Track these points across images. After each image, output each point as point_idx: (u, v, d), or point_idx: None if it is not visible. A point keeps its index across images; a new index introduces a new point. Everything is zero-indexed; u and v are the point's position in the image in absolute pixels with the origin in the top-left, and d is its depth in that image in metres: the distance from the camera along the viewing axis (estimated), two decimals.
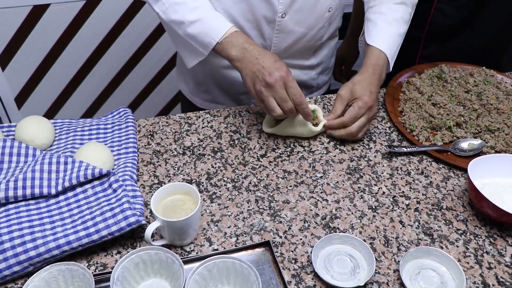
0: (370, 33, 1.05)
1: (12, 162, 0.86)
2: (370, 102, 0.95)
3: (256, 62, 0.91)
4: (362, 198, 0.89)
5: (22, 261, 0.71)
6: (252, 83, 0.92)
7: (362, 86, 0.97)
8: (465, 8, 1.20)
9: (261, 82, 0.89)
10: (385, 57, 1.02)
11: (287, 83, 0.89)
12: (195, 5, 0.96)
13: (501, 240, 0.82)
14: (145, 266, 0.71)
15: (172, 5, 0.96)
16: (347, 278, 0.74)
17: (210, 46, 0.96)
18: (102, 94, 2.14)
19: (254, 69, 0.91)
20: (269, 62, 0.90)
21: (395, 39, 1.05)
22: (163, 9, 0.98)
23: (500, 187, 0.88)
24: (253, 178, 0.92)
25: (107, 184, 0.82)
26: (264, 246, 0.79)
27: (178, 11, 0.96)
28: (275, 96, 0.89)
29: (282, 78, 0.88)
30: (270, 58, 0.91)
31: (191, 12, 0.95)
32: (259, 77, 0.90)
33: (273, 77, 0.88)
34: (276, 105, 0.90)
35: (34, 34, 1.85)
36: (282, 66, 0.89)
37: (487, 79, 1.15)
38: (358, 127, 0.97)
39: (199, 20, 0.95)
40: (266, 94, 0.89)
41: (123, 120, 1.02)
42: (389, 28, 1.04)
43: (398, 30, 1.06)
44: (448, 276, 0.74)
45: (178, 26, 0.98)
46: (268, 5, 0.98)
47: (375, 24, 1.05)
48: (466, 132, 1.01)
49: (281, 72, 0.88)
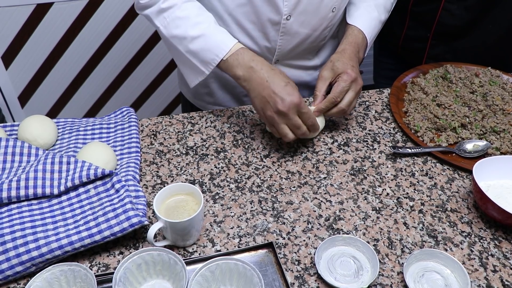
0: (352, 14, 1.06)
1: (14, 161, 0.86)
2: (353, 74, 0.94)
3: (266, 85, 0.87)
4: (366, 200, 0.88)
5: (25, 261, 0.71)
6: (262, 108, 0.89)
7: (342, 62, 0.96)
8: (473, 8, 1.19)
9: (273, 109, 0.87)
10: (363, 37, 1.03)
11: (301, 109, 0.87)
12: (198, 20, 0.93)
13: (506, 243, 0.81)
14: (147, 267, 0.71)
15: (174, 19, 0.93)
16: (350, 280, 0.73)
17: (213, 63, 0.93)
18: (104, 93, 2.14)
19: (264, 94, 0.88)
20: (280, 86, 0.87)
21: (375, 24, 1.07)
22: (164, 23, 0.95)
23: (505, 189, 0.87)
24: (256, 179, 0.92)
25: (109, 184, 0.82)
26: (267, 248, 0.78)
27: (180, 26, 0.93)
28: (287, 123, 0.88)
29: (295, 105, 0.86)
30: (281, 82, 0.88)
31: (194, 26, 0.92)
32: (270, 103, 0.87)
33: (286, 105, 0.85)
34: (289, 131, 0.89)
35: (37, 32, 1.85)
36: (293, 91, 0.87)
37: (492, 79, 1.14)
38: (348, 101, 0.94)
39: (202, 36, 0.92)
40: (278, 121, 0.88)
41: (126, 119, 1.02)
42: (370, 11, 1.06)
43: (379, 16, 1.07)
44: (453, 279, 0.73)
45: (179, 42, 0.95)
46: (273, 7, 0.97)
47: (357, 8, 1.07)
48: (471, 133, 1.01)
49: (294, 98, 0.86)
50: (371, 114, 1.09)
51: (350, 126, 1.06)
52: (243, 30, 1.03)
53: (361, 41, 1.03)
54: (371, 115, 1.09)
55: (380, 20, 1.08)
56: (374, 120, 1.08)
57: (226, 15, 1.02)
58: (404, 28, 1.32)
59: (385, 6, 1.10)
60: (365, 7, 1.07)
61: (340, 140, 1.02)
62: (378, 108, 1.11)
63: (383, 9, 1.09)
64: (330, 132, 1.04)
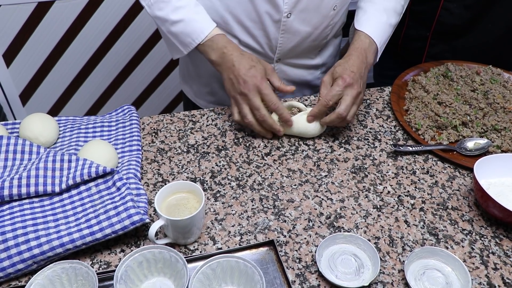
0: (359, 19, 1.05)
1: (16, 159, 0.86)
2: (348, 79, 0.93)
3: (233, 69, 0.94)
4: (367, 198, 0.88)
5: (26, 259, 0.71)
6: (229, 90, 0.96)
7: (342, 67, 0.96)
8: (472, 7, 1.19)
9: (236, 90, 0.93)
10: (370, 41, 1.01)
11: (261, 91, 0.92)
12: (179, 4, 0.97)
13: (507, 241, 0.81)
14: (148, 264, 0.71)
15: (158, 2, 0.98)
16: (351, 278, 0.73)
17: (191, 46, 0.99)
18: (106, 92, 2.15)
19: (231, 76, 0.94)
20: (245, 69, 0.92)
21: (384, 28, 1.04)
22: (148, 3, 1.00)
23: (506, 187, 0.87)
24: (258, 177, 0.92)
25: (111, 182, 0.82)
26: (268, 245, 0.78)
27: (163, 9, 0.98)
28: (248, 103, 0.93)
29: (255, 87, 0.91)
30: (246, 65, 0.93)
31: (174, 11, 0.97)
32: (234, 85, 0.93)
33: (247, 87, 0.91)
34: (248, 112, 0.94)
35: (38, 31, 1.85)
36: (256, 73, 0.92)
37: (493, 77, 1.14)
38: (346, 107, 0.93)
39: (182, 21, 0.97)
40: (240, 101, 0.94)
41: (127, 117, 1.02)
42: (378, 16, 1.04)
43: (389, 20, 1.05)
44: (454, 277, 0.74)
45: (161, 23, 1.00)
46: (273, 5, 0.97)
47: (365, 12, 1.05)
48: (472, 131, 1.00)
49: (255, 80, 0.91)
50: (372, 112, 1.09)
51: (351, 124, 1.06)
52: (244, 29, 1.03)
53: (368, 46, 1.01)
54: (372, 113, 1.09)
55: (390, 24, 1.05)
56: (375, 118, 1.08)
57: (227, 13, 1.02)
58: (404, 27, 1.31)
59: (395, 9, 1.06)
60: (373, 12, 1.04)
61: (341, 138, 1.02)
62: (379, 106, 1.11)
63: (393, 12, 1.06)
64: (331, 130, 1.04)
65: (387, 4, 1.05)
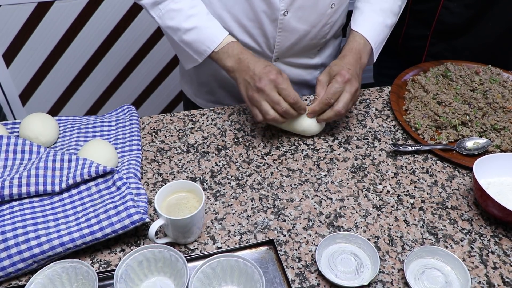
0: (356, 20, 1.05)
1: (16, 159, 0.86)
2: (347, 75, 0.93)
3: (248, 70, 0.93)
4: (366, 197, 0.88)
5: (26, 258, 0.71)
6: (246, 91, 0.94)
7: (339, 65, 0.96)
8: (472, 6, 1.19)
9: (253, 88, 0.91)
10: (365, 42, 1.02)
11: (278, 85, 0.90)
12: (191, 12, 0.97)
13: (506, 240, 0.81)
14: (148, 264, 0.71)
15: (169, 11, 0.97)
16: (351, 277, 0.73)
17: (205, 54, 0.98)
18: (106, 92, 2.15)
19: (247, 77, 0.93)
20: (260, 68, 0.92)
21: (380, 28, 1.04)
22: (159, 14, 0.99)
23: (505, 187, 0.87)
24: (257, 176, 0.92)
25: (111, 181, 0.82)
26: (268, 245, 0.78)
27: (174, 18, 0.97)
28: (267, 99, 0.91)
29: (272, 81, 0.90)
30: (261, 65, 0.92)
31: (187, 19, 0.96)
32: (250, 84, 0.92)
33: (263, 82, 0.90)
34: (269, 107, 0.91)
35: (38, 31, 1.85)
36: (271, 70, 0.91)
37: (493, 77, 1.14)
38: (344, 103, 0.94)
39: (195, 28, 0.96)
40: (258, 98, 0.91)
41: (127, 117, 1.02)
42: (374, 17, 1.04)
43: (385, 21, 1.05)
44: (453, 276, 0.74)
45: (173, 32, 0.99)
46: (270, 3, 0.98)
47: (361, 12, 1.05)
48: (471, 131, 1.01)
49: (271, 75, 0.90)
50: (372, 112, 1.09)
51: (351, 124, 1.06)
52: (242, 28, 1.03)
53: (362, 47, 1.01)
54: (371, 113, 1.09)
55: (386, 25, 1.05)
56: (375, 118, 1.08)
57: (225, 12, 1.02)
58: (404, 26, 1.32)
59: (392, 10, 1.06)
60: (370, 12, 1.04)
61: (341, 137, 1.02)
62: (378, 106, 1.11)
63: (390, 13, 1.06)
64: (331, 129, 1.04)
65: (384, 5, 1.05)
